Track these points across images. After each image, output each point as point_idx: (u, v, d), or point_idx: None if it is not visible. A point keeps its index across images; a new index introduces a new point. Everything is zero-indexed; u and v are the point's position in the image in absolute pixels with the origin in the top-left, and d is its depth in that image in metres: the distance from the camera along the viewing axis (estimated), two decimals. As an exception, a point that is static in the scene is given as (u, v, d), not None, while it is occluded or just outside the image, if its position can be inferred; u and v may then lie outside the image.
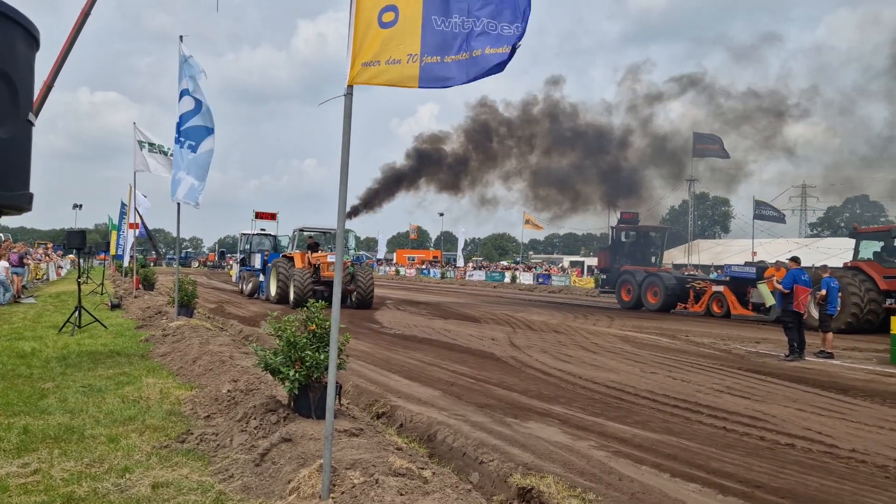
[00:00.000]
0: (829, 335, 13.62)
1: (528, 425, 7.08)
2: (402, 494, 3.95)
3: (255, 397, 6.49)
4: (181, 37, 12.75)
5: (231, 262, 65.61)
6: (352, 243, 25.15)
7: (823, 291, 13.57)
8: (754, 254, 34.79)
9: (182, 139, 12.39)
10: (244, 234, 31.29)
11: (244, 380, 7.26)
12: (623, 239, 29.58)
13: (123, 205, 27.66)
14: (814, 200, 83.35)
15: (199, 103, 11.21)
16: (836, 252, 38.33)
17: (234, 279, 33.95)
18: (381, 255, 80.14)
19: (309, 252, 22.71)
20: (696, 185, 56.88)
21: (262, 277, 25.81)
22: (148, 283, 23.24)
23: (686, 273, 32.29)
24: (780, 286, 13.12)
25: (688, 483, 5.34)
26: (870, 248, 20.02)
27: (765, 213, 30.69)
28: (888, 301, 18.11)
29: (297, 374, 5.51)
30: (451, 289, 42.58)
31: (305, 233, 24.67)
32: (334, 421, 5.74)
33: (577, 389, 9.31)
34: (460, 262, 61.92)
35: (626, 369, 11.19)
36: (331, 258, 21.36)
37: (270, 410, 5.83)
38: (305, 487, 4.41)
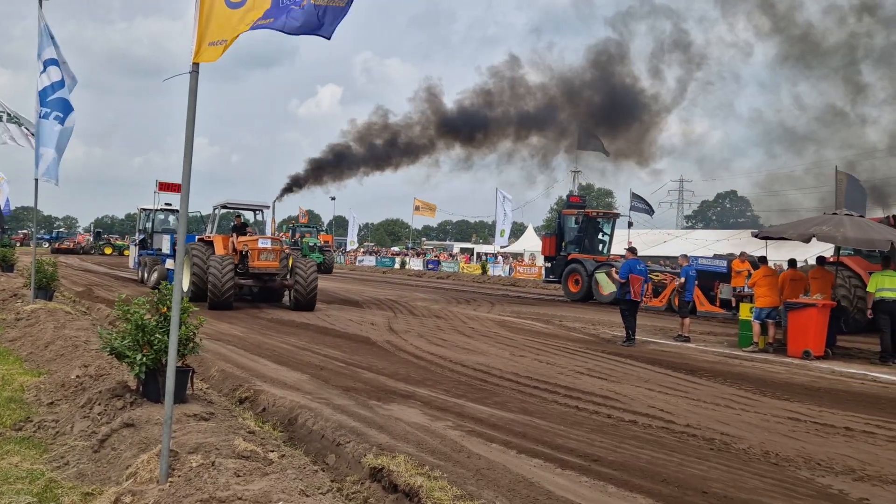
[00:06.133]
0: (687, 320, 14.57)
1: (389, 408, 7.20)
2: (238, 476, 3.95)
3: (104, 383, 6.26)
4: (40, 1, 12.01)
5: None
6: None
7: (682, 279, 14.50)
8: (630, 243, 36.49)
9: (48, 110, 11.75)
10: (144, 210, 26.94)
11: (96, 365, 6.98)
12: (571, 225, 27.05)
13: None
14: (689, 194, 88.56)
15: (63, 76, 10.77)
16: (704, 243, 40.95)
17: (131, 265, 28.81)
18: (270, 238, 78.16)
19: (234, 235, 18.23)
20: (580, 176, 59.05)
21: (168, 264, 21.24)
22: (6, 264, 21.67)
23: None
24: (616, 276, 13.86)
25: (531, 458, 5.63)
26: None
27: (639, 205, 32.27)
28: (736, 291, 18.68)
29: (144, 359, 5.36)
30: (340, 274, 42.22)
31: (229, 210, 20.06)
32: (185, 406, 5.66)
33: (446, 372, 9.53)
34: (350, 247, 61.32)
35: (496, 353, 11.55)
36: (263, 243, 17.19)
37: (117, 396, 5.65)
38: (143, 472, 4.33)
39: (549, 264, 28.03)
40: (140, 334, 5.44)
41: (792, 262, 14.16)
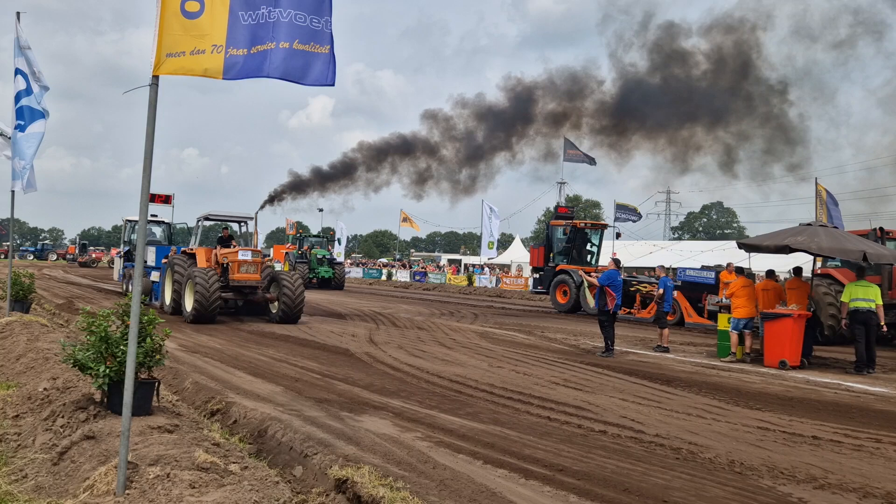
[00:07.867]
0: (666, 331, 14.64)
1: (360, 419, 7.20)
2: (193, 487, 3.95)
3: (69, 395, 6.23)
4: (18, 14, 12.04)
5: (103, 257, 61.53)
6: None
7: (661, 290, 14.59)
8: (614, 254, 36.63)
9: (20, 122, 11.78)
10: (129, 222, 26.91)
11: (64, 378, 6.95)
12: (559, 236, 27.05)
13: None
14: (676, 206, 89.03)
15: (28, 84, 10.77)
16: (688, 255, 41.15)
17: (116, 277, 28.52)
18: (257, 250, 77.80)
19: (217, 247, 17.87)
20: (566, 187, 59.37)
21: (153, 277, 20.58)
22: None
23: (628, 276, 28.54)
24: (596, 283, 13.91)
25: (497, 469, 5.64)
26: None
27: (623, 215, 32.40)
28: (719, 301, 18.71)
29: (107, 370, 5.35)
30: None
31: (212, 221, 19.58)
32: (151, 417, 5.65)
33: (421, 384, 9.54)
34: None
35: (474, 364, 11.57)
36: (244, 255, 16.81)
37: (81, 408, 5.63)
38: (101, 485, 4.32)
39: (537, 275, 27.85)
40: (103, 346, 5.43)
41: (770, 273, 14.28)
